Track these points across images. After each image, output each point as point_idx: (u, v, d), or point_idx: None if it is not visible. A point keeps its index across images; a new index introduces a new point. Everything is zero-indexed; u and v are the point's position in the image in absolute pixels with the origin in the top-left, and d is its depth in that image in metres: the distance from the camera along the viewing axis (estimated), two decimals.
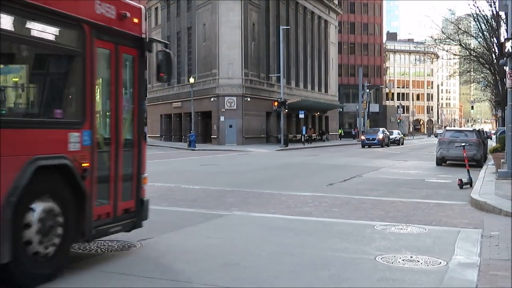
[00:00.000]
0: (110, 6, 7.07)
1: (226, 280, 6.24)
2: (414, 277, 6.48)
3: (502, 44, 18.27)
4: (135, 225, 7.64)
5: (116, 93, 7.28)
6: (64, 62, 6.77)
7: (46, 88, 6.57)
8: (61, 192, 6.24)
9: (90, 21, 6.68)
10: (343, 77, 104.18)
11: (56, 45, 6.38)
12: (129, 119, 7.61)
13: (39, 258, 5.89)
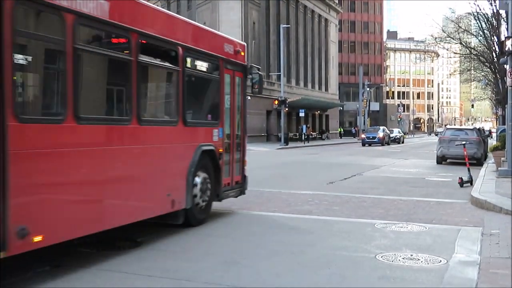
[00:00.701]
0: (230, 45, 10.77)
1: (226, 278, 6.24)
2: (415, 275, 6.48)
3: (503, 42, 18.25)
4: (241, 193, 11.26)
5: (233, 103, 10.84)
6: (211, 85, 10.28)
7: (204, 101, 10.38)
8: (209, 167, 9.74)
9: (223, 57, 10.31)
10: (343, 76, 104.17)
11: (209, 74, 10.12)
12: (238, 120, 11.17)
13: (198, 207, 9.40)
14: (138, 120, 7.71)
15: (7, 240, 5.41)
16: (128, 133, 7.64)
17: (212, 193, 9.91)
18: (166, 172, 8.61)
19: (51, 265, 6.58)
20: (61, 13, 6.20)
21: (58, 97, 6.44)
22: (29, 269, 6.41)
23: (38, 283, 5.96)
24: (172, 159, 8.85)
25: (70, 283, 6.00)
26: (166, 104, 9.33)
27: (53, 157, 6.15)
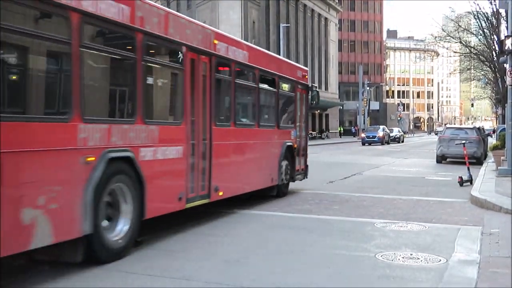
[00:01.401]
0: (300, 71, 15.09)
1: (226, 277, 6.25)
2: (414, 275, 6.48)
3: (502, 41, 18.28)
4: (304, 177, 15.18)
5: (301, 112, 15.16)
6: (290, 100, 14.47)
7: (287, 111, 14.56)
8: (289, 157, 13.74)
9: (297, 80, 14.52)
10: (343, 75, 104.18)
11: (288, 93, 14.24)
12: (304, 125, 15.40)
13: (283, 184, 13.39)
14: (258, 125, 12.24)
15: (210, 193, 9.72)
16: (253, 133, 12.01)
17: (289, 176, 13.89)
18: (269, 158, 12.76)
19: (50, 264, 6.57)
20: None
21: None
22: (28, 269, 6.41)
23: (38, 283, 5.96)
24: (272, 150, 12.99)
25: (70, 283, 6.00)
26: (269, 114, 13.33)
27: (229, 147, 10.70)
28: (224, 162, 10.30)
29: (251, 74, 11.86)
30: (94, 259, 6.64)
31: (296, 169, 14.38)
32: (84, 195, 6.39)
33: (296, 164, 14.31)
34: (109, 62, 7.51)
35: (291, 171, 13.96)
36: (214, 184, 9.76)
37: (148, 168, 7.69)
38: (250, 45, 12.73)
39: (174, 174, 8.65)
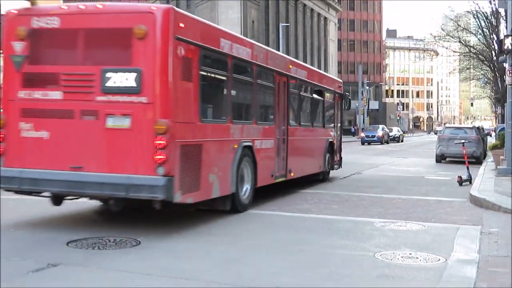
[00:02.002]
0: (336, 82, 18.87)
1: (226, 277, 6.25)
2: (413, 274, 6.49)
3: (502, 41, 18.27)
4: (339, 167, 18.67)
5: (337, 115, 18.76)
6: (331, 107, 18.08)
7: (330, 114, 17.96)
8: (329, 150, 17.03)
9: (336, 90, 18.26)
10: (342, 74, 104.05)
11: (330, 100, 17.84)
12: (339, 125, 18.89)
13: (326, 172, 16.92)
14: (312, 125, 15.92)
15: (286, 173, 13.24)
16: (310, 131, 15.79)
17: (330, 165, 17.43)
18: (318, 151, 16.51)
19: (49, 264, 6.57)
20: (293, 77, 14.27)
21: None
22: (26, 269, 6.40)
23: (38, 283, 5.96)
24: (320, 144, 16.65)
25: (70, 283, 6.00)
26: (318, 116, 16.88)
27: (296, 141, 14.17)
28: (294, 152, 13.84)
29: (309, 87, 15.67)
30: (235, 209, 10.41)
31: (334, 160, 18.07)
32: (231, 168, 10.25)
33: (334, 156, 18.01)
34: (240, 85, 11.27)
35: (331, 162, 17.58)
36: (289, 167, 13.44)
37: (258, 153, 11.47)
38: (309, 66, 17.87)
39: (270, 158, 12.38)
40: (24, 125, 8.77)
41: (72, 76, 8.61)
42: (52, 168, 8.58)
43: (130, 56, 8.34)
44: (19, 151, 8.81)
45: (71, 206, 11.36)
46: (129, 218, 10.06)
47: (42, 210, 10.84)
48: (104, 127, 8.37)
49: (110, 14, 8.81)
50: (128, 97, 8.29)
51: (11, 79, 8.93)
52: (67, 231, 8.61)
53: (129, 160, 8.33)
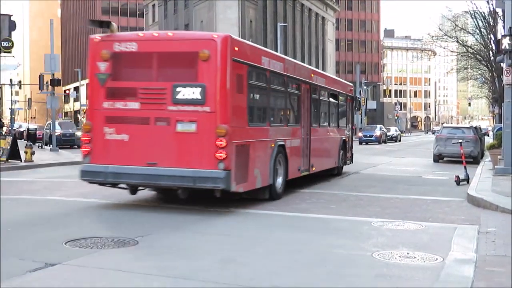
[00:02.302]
0: (348, 86, 21.08)
1: (223, 276, 6.25)
2: (411, 273, 6.50)
3: (499, 41, 18.32)
4: (351, 162, 20.43)
5: (349, 116, 20.71)
6: (344, 109, 20.07)
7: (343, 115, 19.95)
8: (343, 148, 19.07)
9: (348, 94, 20.50)
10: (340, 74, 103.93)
11: (343, 103, 19.97)
12: (351, 125, 20.59)
13: (340, 167, 18.98)
14: (329, 125, 17.80)
15: (309, 168, 15.02)
16: (327, 131, 17.67)
17: (343, 161, 19.33)
18: (334, 148, 18.30)
19: (47, 263, 6.57)
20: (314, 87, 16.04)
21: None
22: (24, 268, 6.40)
23: (36, 282, 5.96)
24: (335, 142, 18.48)
25: (68, 283, 6.00)
26: (334, 117, 18.59)
27: (317, 140, 15.85)
28: (315, 149, 15.68)
29: (326, 92, 17.50)
30: (272, 198, 12.32)
31: (347, 156, 20.06)
32: (270, 163, 12.20)
33: (347, 153, 19.97)
34: (275, 93, 13.23)
35: (344, 158, 19.46)
36: (311, 163, 15.38)
37: (289, 150, 13.40)
38: (327, 74, 20.14)
39: (297, 155, 14.32)
40: (107, 129, 10.80)
41: (148, 90, 10.72)
42: (131, 164, 10.62)
43: (196, 74, 10.45)
44: (103, 150, 10.82)
45: (69, 206, 11.36)
46: (127, 218, 10.06)
47: (41, 209, 10.83)
48: (175, 131, 10.46)
49: (179, 41, 11.04)
50: (194, 107, 10.35)
51: (96, 93, 11.09)
52: (65, 230, 8.62)
53: (195, 157, 10.38)
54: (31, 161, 21.98)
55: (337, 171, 18.84)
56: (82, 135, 11.48)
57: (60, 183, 15.82)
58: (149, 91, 10.72)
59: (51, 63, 30.95)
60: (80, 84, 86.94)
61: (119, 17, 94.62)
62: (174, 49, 10.83)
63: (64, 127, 39.46)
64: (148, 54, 10.88)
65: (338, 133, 18.88)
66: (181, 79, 10.60)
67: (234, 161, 10.39)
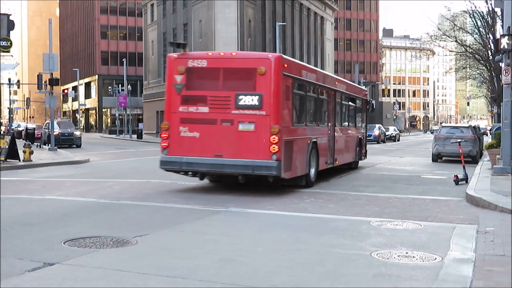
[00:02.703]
0: (363, 90, 24.24)
1: (222, 276, 6.25)
2: (410, 273, 6.49)
3: (498, 40, 18.31)
4: (365, 158, 23.22)
5: (364, 117, 23.50)
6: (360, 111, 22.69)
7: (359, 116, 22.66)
8: (359, 145, 21.84)
9: (363, 97, 23.22)
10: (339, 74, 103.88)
11: (359, 106, 22.48)
12: (365, 124, 23.60)
13: (356, 161, 21.85)
14: (348, 125, 20.18)
15: (333, 162, 17.86)
16: (347, 129, 20.05)
17: (359, 156, 21.86)
18: (352, 145, 20.70)
19: (45, 263, 6.56)
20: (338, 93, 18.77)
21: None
22: (23, 268, 6.39)
23: (34, 282, 5.95)
24: (353, 140, 20.97)
25: (66, 282, 5.98)
26: (352, 118, 21.02)
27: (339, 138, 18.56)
28: (338, 146, 18.39)
29: (347, 97, 20.18)
30: (307, 185, 14.84)
31: (362, 152, 22.74)
32: (306, 156, 14.75)
33: (362, 149, 22.64)
34: (310, 98, 15.94)
35: (360, 153, 22.21)
36: (335, 157, 18.05)
37: (319, 146, 16.00)
38: (347, 81, 22.29)
39: (325, 150, 16.96)
40: (182, 128, 13.50)
41: (215, 98, 13.38)
42: (201, 156, 13.31)
43: (254, 85, 13.13)
44: (179, 145, 13.55)
45: (68, 205, 11.36)
46: (126, 218, 10.06)
47: (40, 209, 10.82)
48: (237, 129, 13.09)
49: (240, 59, 14.20)
50: (253, 111, 13.03)
51: (173, 99, 13.72)
52: (63, 230, 8.61)
53: (253, 150, 12.98)
54: (30, 160, 21.95)
55: (354, 165, 21.68)
56: (161, 132, 14.11)
57: (59, 183, 15.81)
58: (217, 98, 13.39)
59: (49, 62, 30.89)
60: (79, 84, 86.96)
61: (117, 16, 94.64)
62: (236, 65, 13.69)
63: (62, 127, 39.44)
64: (216, 69, 13.60)
65: (355, 132, 21.65)
66: (242, 89, 13.24)
67: (283, 153, 13.04)
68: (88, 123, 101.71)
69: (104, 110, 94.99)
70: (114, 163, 25.17)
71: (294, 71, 14.37)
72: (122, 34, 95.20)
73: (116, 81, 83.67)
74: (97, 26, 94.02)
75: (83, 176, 18.08)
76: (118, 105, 68.11)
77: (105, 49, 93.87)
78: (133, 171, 20.28)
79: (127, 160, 27.02)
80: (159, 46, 68.83)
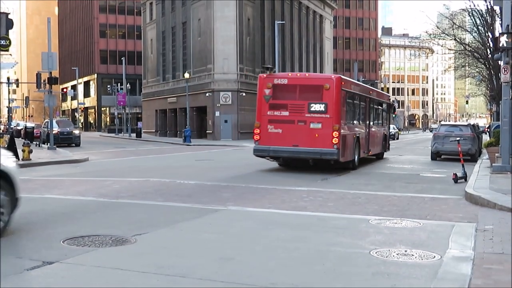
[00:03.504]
0: (388, 95, 32.07)
1: (221, 274, 6.25)
2: (409, 271, 6.50)
3: (497, 38, 18.27)
4: (388, 150, 29.02)
5: (388, 117, 30.18)
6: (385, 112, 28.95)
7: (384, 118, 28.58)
8: (384, 140, 28.03)
9: (388, 102, 29.96)
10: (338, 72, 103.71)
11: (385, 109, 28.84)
12: (388, 124, 30.12)
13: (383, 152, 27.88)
14: (378, 124, 26.11)
15: (368, 152, 23.78)
16: (378, 127, 25.96)
17: (384, 149, 27.22)
18: (380, 139, 26.35)
19: (44, 262, 6.56)
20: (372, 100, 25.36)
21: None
22: (21, 267, 6.39)
23: (33, 281, 5.94)
24: (381, 136, 26.64)
25: (65, 281, 5.98)
26: (380, 119, 27.03)
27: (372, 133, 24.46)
28: (371, 140, 23.78)
29: (376, 102, 26.06)
30: (353, 167, 20.39)
31: (387, 145, 28.43)
32: (353, 146, 20.47)
33: (387, 143, 28.43)
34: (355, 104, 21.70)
35: (385, 146, 27.91)
36: (369, 148, 23.62)
37: (360, 140, 21.35)
38: (376, 89, 28.84)
39: (363, 143, 21.95)
40: (269, 126, 19.31)
41: (293, 105, 19.17)
42: (283, 146, 19.12)
43: (321, 97, 18.90)
44: (267, 138, 19.37)
45: (67, 204, 11.35)
46: (125, 216, 10.06)
47: (39, 208, 10.82)
48: (309, 127, 18.90)
49: (312, 78, 21.12)
50: (320, 115, 18.83)
51: (263, 106, 19.54)
52: (63, 228, 8.61)
53: (320, 142, 18.72)
54: (29, 159, 21.94)
55: (381, 155, 27.64)
56: (254, 129, 19.95)
57: (58, 182, 15.80)
58: (294, 106, 19.25)
59: (48, 61, 30.89)
60: (78, 83, 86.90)
61: (116, 15, 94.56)
62: (309, 83, 19.84)
63: (61, 126, 39.44)
64: (294, 85, 19.56)
65: (382, 129, 27.52)
66: (313, 99, 19.05)
67: (340, 144, 18.77)
68: (87, 122, 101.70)
69: (103, 109, 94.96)
70: (113, 162, 25.17)
71: (347, 86, 20.25)
72: (121, 32, 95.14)
73: (115, 79, 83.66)
74: (96, 25, 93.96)
75: (82, 175, 18.08)
76: (117, 104, 68.11)
77: (104, 48, 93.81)
78: (132, 169, 20.28)
79: (126, 159, 27.03)
80: (158, 45, 68.78)
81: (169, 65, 65.97)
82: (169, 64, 65.93)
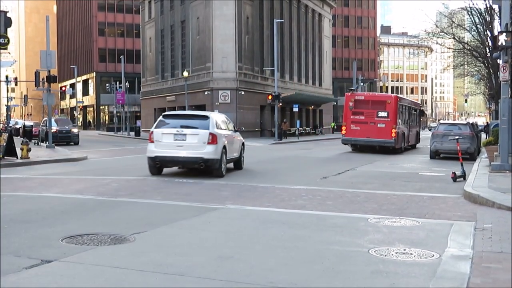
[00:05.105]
0: (417, 102, 57.12)
1: (220, 273, 6.24)
2: (407, 270, 6.50)
3: (496, 37, 18.28)
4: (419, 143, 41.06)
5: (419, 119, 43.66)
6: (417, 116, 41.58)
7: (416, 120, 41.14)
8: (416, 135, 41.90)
9: (416, 108, 41.55)
10: (337, 71, 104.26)
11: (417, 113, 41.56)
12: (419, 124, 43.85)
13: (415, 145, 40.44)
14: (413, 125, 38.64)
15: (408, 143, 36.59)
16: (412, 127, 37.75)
17: (416, 141, 39.43)
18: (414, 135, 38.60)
19: (43, 260, 6.55)
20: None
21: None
22: (20, 265, 6.38)
23: (31, 280, 5.94)
24: (415, 132, 38.84)
25: (64, 280, 5.98)
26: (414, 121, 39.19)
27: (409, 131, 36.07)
28: (411, 135, 36.29)
29: (412, 109, 37.90)
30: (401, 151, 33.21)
31: (418, 139, 39.39)
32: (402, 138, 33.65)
33: (418, 138, 39.34)
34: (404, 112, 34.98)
35: (417, 140, 39.42)
36: (409, 140, 35.77)
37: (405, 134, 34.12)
38: (413, 100, 46.41)
39: (405, 137, 34.23)
40: (352, 125, 31.94)
41: (367, 113, 31.57)
42: (360, 137, 31.73)
43: (385, 108, 31.45)
44: (350, 133, 32.12)
45: (66, 202, 11.35)
46: (124, 215, 10.06)
47: (37, 206, 10.81)
48: (377, 126, 31.15)
49: (380, 96, 37.65)
50: (384, 119, 31.26)
51: (348, 113, 32.34)
52: (61, 227, 8.60)
53: (384, 135, 30.95)
54: (27, 158, 21.93)
55: (415, 146, 38.05)
56: (341, 127, 34.18)
57: (56, 180, 15.79)
58: (368, 113, 31.38)
59: (47, 59, 30.84)
60: (77, 81, 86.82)
61: (115, 13, 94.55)
62: (377, 99, 33.12)
63: (60, 124, 39.42)
64: (368, 100, 32.43)
65: (415, 128, 38.65)
66: (380, 109, 31.25)
67: (396, 137, 30.71)
68: (86, 120, 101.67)
69: (102, 107, 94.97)
70: (112, 160, 25.16)
71: (400, 101, 33.02)
72: (120, 31, 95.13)
73: (113, 78, 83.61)
74: (94, 23, 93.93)
75: (81, 173, 18.08)
76: (116, 102, 68.06)
77: (102, 46, 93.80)
78: (131, 168, 20.27)
79: (125, 157, 27.02)
80: (157, 43, 68.76)
81: (168, 63, 65.95)
82: (168, 62, 65.91)
